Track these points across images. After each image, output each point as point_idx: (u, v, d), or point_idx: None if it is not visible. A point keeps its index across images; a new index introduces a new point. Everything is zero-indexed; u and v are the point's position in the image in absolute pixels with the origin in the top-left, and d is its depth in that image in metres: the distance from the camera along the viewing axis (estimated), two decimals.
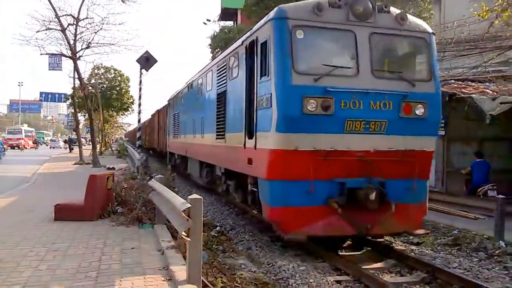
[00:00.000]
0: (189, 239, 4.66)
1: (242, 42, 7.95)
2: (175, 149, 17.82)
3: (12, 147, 46.84)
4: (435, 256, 6.99)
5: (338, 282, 5.76)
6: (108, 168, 18.57)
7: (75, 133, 32.13)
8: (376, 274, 6.00)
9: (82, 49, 22.45)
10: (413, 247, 7.56)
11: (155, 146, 27.69)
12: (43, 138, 76.10)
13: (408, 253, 7.01)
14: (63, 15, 21.82)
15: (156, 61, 19.08)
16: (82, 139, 30.35)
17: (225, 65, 9.23)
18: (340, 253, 7.16)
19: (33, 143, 57.53)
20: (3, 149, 32.06)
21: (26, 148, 50.80)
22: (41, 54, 23.20)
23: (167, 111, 20.20)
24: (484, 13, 10.99)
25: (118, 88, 40.08)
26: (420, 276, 6.04)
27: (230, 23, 31.70)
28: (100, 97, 33.81)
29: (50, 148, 55.63)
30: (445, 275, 5.92)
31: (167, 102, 20.69)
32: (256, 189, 7.29)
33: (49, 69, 28.27)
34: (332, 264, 6.49)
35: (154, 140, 28.26)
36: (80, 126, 34.61)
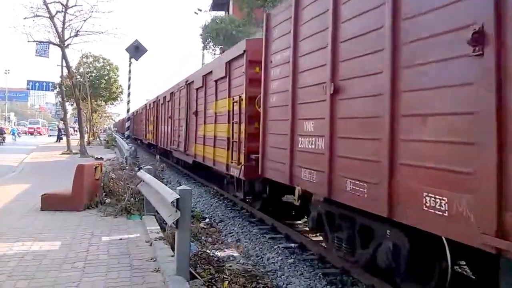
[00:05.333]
0: (177, 230, 4.64)
1: None
2: None
3: (33, 134, 61.38)
4: None
5: (326, 274, 5.78)
6: (96, 158, 18.39)
7: (62, 122, 31.81)
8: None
9: (70, 37, 22.23)
10: None
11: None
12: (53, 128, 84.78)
13: None
14: (51, 2, 21.58)
15: (146, 50, 18.76)
16: (69, 129, 30.03)
17: None
18: None
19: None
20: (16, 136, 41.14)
21: (40, 134, 64.14)
22: (28, 41, 22.91)
23: None
24: None
25: (106, 77, 39.70)
26: None
27: (221, 13, 31.47)
28: (88, 86, 33.44)
29: (49, 136, 61.38)
30: None
31: None
32: None
33: (36, 55, 27.73)
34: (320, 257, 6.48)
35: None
36: (68, 115, 34.23)
